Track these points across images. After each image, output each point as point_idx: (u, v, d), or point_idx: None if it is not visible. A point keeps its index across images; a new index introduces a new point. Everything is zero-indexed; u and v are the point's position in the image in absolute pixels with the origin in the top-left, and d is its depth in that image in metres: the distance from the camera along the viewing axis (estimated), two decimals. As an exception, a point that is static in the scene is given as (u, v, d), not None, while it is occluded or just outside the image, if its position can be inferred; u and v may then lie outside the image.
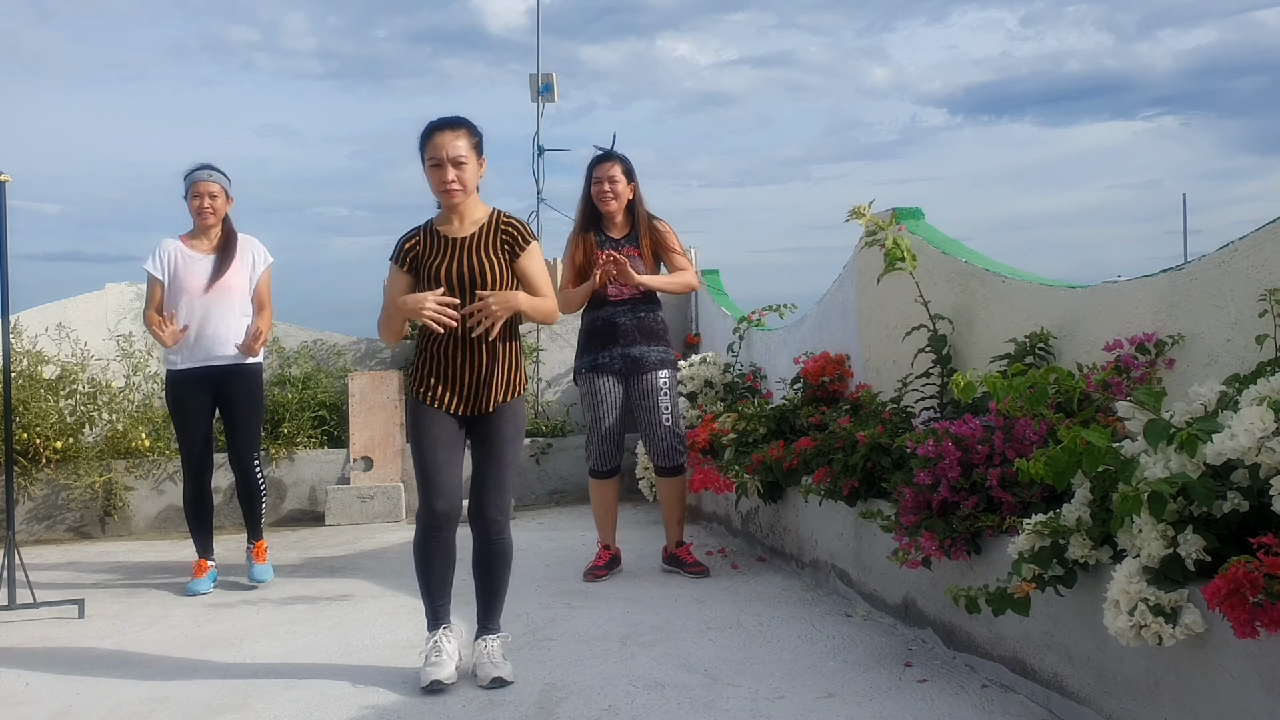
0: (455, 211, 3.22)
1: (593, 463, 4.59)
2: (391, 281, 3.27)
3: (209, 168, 4.60)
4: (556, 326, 7.69)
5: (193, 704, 3.09)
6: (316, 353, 7.32)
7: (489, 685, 3.12)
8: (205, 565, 4.63)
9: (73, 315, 6.62)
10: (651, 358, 4.54)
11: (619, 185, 4.51)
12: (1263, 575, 1.95)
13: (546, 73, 7.74)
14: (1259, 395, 2.26)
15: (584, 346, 4.62)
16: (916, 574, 3.34)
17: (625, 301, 4.52)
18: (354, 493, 6.30)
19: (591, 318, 4.59)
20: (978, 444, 3.05)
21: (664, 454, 4.58)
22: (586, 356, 4.57)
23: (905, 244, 4.03)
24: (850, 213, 4.08)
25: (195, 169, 4.60)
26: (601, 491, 4.63)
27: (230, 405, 4.63)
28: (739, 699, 2.96)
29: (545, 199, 7.67)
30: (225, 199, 4.63)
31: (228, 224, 4.67)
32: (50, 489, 6.03)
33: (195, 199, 4.56)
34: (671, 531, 4.66)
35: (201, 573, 4.60)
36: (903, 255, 3.99)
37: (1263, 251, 2.76)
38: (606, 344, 4.53)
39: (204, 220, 4.57)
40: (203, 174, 4.57)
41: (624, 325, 4.50)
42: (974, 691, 2.94)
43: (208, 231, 4.61)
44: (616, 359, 4.51)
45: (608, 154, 4.58)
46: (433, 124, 3.18)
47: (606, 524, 4.65)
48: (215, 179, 4.58)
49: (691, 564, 4.57)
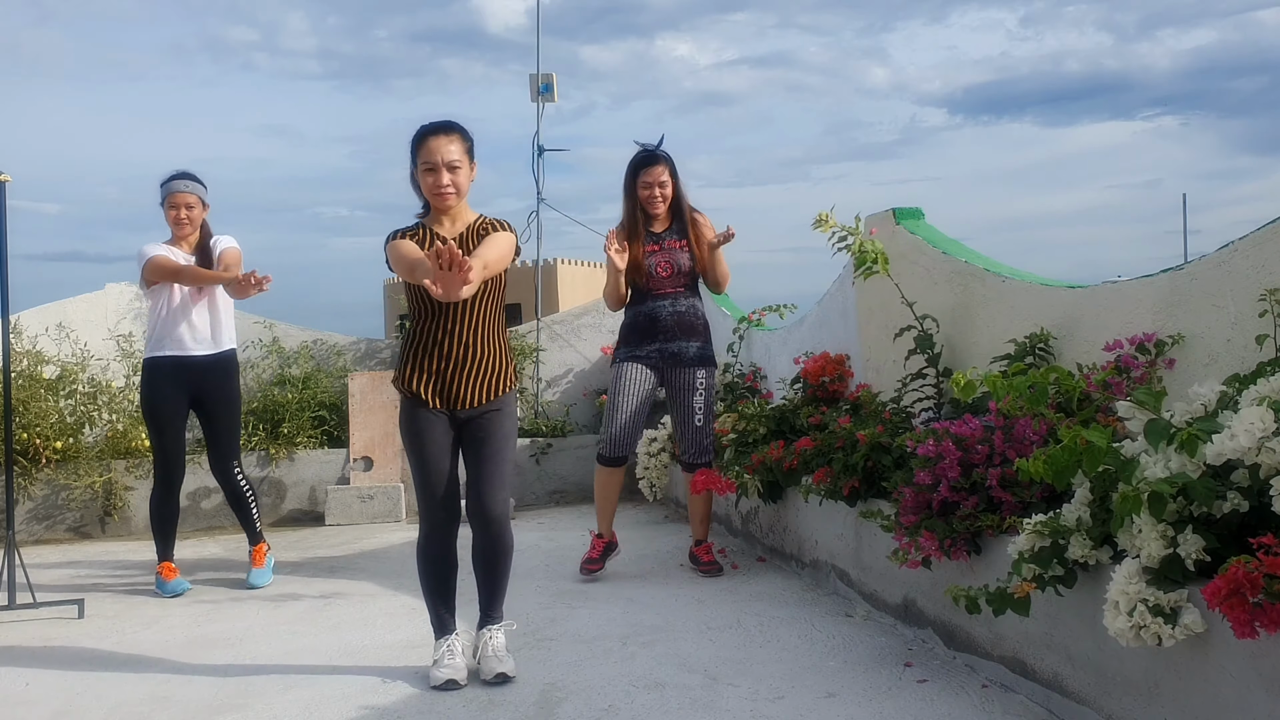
0: (446, 215, 3.23)
1: (604, 448, 4.57)
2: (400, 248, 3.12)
3: (185, 177, 4.62)
4: (557, 327, 7.70)
5: (193, 704, 3.09)
6: (316, 353, 7.32)
7: (493, 680, 3.13)
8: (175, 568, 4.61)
9: (73, 315, 6.63)
10: (690, 353, 4.52)
11: (667, 189, 4.49)
12: (1262, 575, 1.95)
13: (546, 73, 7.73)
14: (1259, 395, 2.26)
15: (624, 339, 4.60)
16: (916, 574, 3.33)
17: (667, 295, 4.50)
18: (354, 493, 6.30)
19: (634, 312, 4.56)
20: (978, 444, 3.05)
21: (690, 451, 4.60)
22: (624, 348, 4.56)
23: (878, 247, 4.03)
24: (815, 222, 4.01)
25: (171, 178, 4.62)
26: (608, 479, 4.60)
27: (207, 404, 4.63)
28: (739, 699, 2.96)
29: (545, 199, 7.66)
30: (202, 207, 4.67)
31: (205, 228, 4.71)
32: (50, 489, 6.03)
33: (172, 209, 4.59)
34: (696, 528, 4.67)
35: (173, 574, 4.58)
36: (875, 258, 3.99)
37: (1263, 251, 2.76)
38: (645, 338, 4.51)
39: (180, 230, 4.63)
40: (179, 184, 4.60)
41: (665, 319, 4.49)
42: (974, 691, 2.94)
43: (186, 239, 4.66)
44: (654, 354, 4.50)
45: (653, 155, 4.49)
46: (425, 128, 3.17)
47: (606, 512, 4.62)
48: (191, 189, 4.61)
49: (706, 563, 4.58)
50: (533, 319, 7.68)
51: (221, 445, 4.67)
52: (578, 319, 7.83)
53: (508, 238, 3.20)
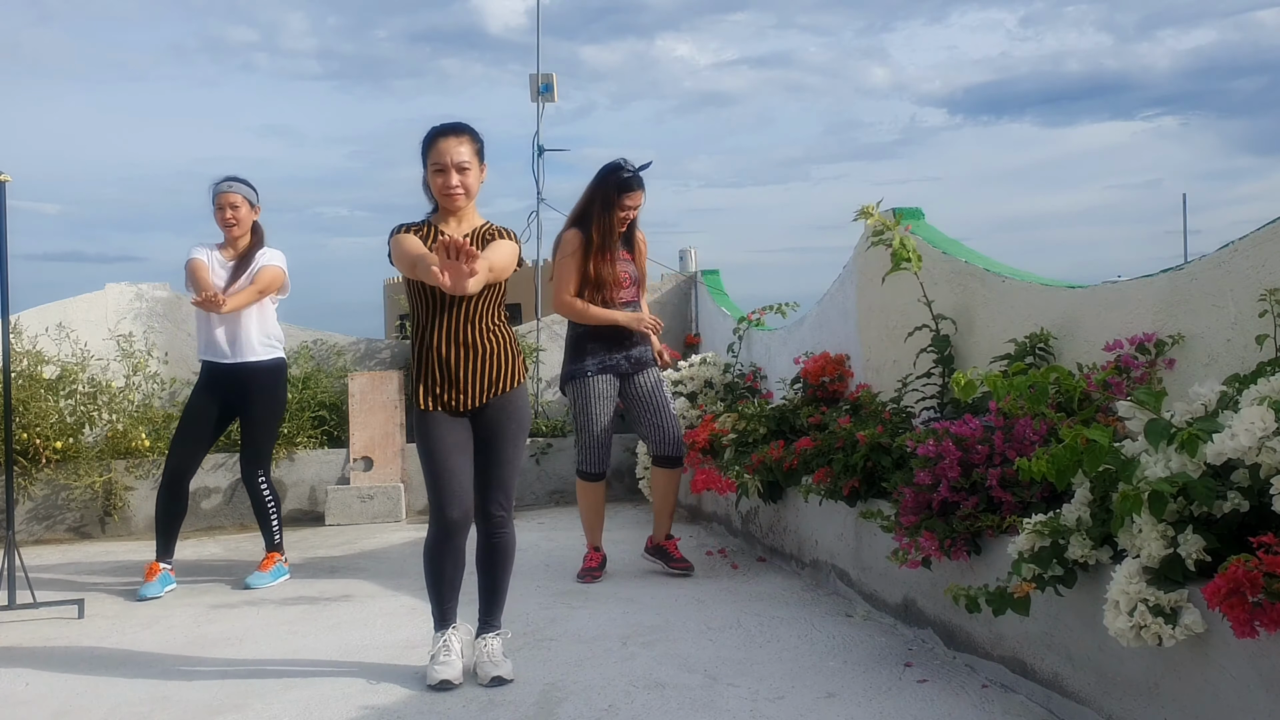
0: (454, 216, 3.24)
1: (588, 465, 4.59)
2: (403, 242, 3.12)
3: (233, 179, 4.70)
4: (557, 327, 7.69)
5: (193, 704, 3.09)
6: (316, 353, 7.32)
7: (489, 684, 3.13)
8: (158, 568, 4.59)
9: (73, 315, 6.62)
10: (649, 355, 4.62)
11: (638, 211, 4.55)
12: (1262, 574, 1.95)
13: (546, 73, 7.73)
14: (1259, 395, 2.26)
15: (588, 349, 4.51)
16: (916, 574, 3.34)
17: (628, 303, 4.54)
18: (354, 493, 6.30)
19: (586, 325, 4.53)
20: (978, 444, 3.05)
21: (672, 443, 4.60)
22: (593, 359, 4.49)
23: (911, 244, 4.04)
24: (859, 212, 4.12)
25: (220, 181, 4.70)
26: (594, 494, 4.64)
27: (245, 410, 4.72)
28: (739, 699, 2.96)
29: (545, 199, 7.66)
30: (249, 208, 4.71)
31: (258, 233, 4.76)
32: (50, 489, 6.03)
33: (219, 210, 4.67)
34: (663, 523, 4.66)
35: (152, 576, 4.56)
36: (909, 255, 4.00)
37: (1263, 251, 2.76)
38: (615, 346, 4.51)
39: (229, 231, 4.70)
40: (225, 185, 4.68)
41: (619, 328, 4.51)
42: (974, 691, 2.94)
43: (235, 242, 4.72)
44: (623, 360, 4.52)
45: (640, 182, 4.47)
46: (436, 129, 3.19)
47: (597, 526, 4.67)
48: (237, 189, 4.67)
49: (678, 560, 4.57)
50: (533, 319, 7.68)
51: (249, 451, 4.76)
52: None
53: (513, 247, 3.23)
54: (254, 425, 4.74)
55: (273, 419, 4.84)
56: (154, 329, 7.13)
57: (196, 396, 4.73)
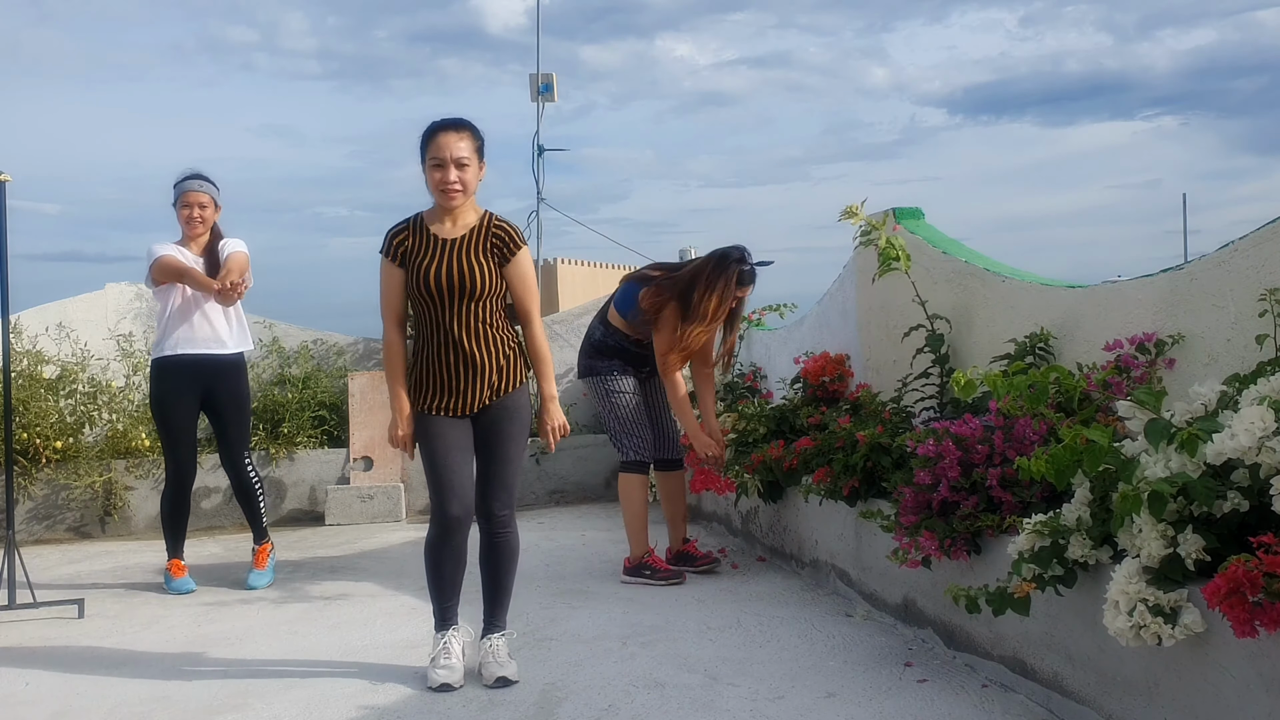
0: (450, 213, 3.21)
1: (640, 453, 4.51)
2: (386, 275, 3.23)
3: (199, 177, 4.62)
4: (557, 326, 7.69)
5: (193, 704, 3.09)
6: (316, 352, 7.32)
7: (494, 685, 3.12)
8: (183, 565, 4.63)
9: (73, 315, 6.62)
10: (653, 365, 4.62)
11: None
12: (1262, 574, 1.94)
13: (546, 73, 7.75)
14: (1259, 395, 2.26)
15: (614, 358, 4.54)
16: (916, 574, 3.34)
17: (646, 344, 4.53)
18: (354, 493, 6.30)
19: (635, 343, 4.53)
20: (978, 444, 3.05)
21: (674, 446, 4.64)
22: (619, 361, 4.52)
23: (900, 244, 4.04)
24: (843, 212, 4.07)
25: (184, 178, 4.61)
26: (642, 488, 4.51)
27: (217, 403, 4.64)
28: (739, 699, 2.96)
29: (545, 199, 7.67)
30: (214, 208, 4.66)
31: (216, 230, 4.69)
32: (50, 489, 6.03)
33: (184, 209, 4.57)
34: (679, 528, 4.64)
35: (181, 572, 4.60)
36: (897, 255, 4.00)
37: (1263, 251, 2.76)
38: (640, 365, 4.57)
39: (193, 230, 4.60)
40: (193, 184, 4.59)
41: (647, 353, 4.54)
42: (974, 691, 2.94)
43: (197, 239, 4.64)
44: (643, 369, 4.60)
45: (755, 278, 4.39)
46: (436, 124, 3.17)
47: (644, 528, 4.48)
48: (204, 189, 4.60)
49: (701, 558, 4.57)
50: (533, 319, 7.68)
51: (230, 439, 4.68)
52: (578, 319, 7.82)
53: (529, 263, 3.33)
54: (238, 412, 4.68)
55: (249, 402, 4.81)
56: (154, 329, 7.12)
57: (172, 395, 4.56)
